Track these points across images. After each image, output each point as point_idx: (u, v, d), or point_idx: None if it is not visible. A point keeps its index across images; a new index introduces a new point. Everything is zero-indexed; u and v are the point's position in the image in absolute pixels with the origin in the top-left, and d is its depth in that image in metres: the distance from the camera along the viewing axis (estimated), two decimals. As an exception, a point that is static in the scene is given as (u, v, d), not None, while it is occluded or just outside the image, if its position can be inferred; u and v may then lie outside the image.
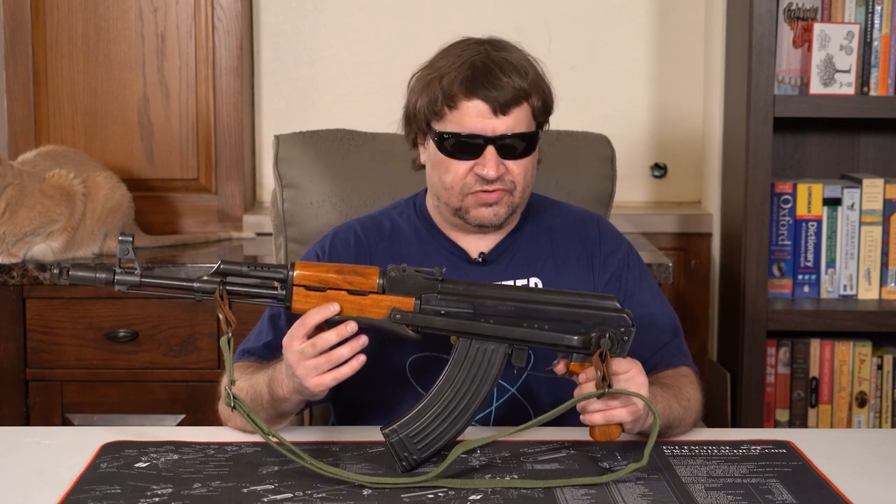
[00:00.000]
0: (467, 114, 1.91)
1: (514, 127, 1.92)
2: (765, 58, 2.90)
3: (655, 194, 3.52)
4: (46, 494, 1.66)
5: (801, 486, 1.70)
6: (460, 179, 1.93)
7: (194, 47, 3.28)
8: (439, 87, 1.91)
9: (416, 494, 1.67)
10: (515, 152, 1.93)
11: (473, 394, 1.79)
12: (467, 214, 1.97)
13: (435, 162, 1.96)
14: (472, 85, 1.90)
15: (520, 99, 1.91)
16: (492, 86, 1.89)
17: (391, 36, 3.44)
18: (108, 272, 1.73)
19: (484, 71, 1.90)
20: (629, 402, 1.76)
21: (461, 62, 1.92)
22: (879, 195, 3.00)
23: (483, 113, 1.90)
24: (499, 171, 1.91)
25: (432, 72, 1.94)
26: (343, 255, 2.03)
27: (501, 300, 1.78)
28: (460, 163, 1.93)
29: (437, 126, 1.94)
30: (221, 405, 1.94)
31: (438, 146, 1.94)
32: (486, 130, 1.91)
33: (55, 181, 2.95)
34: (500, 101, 1.90)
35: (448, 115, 1.92)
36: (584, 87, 3.45)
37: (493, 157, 1.91)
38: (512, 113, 1.91)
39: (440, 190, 1.97)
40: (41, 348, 2.96)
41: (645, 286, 2.08)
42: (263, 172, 3.48)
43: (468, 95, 1.90)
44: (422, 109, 1.94)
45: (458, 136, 1.91)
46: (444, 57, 1.96)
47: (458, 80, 1.90)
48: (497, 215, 1.96)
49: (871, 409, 3.03)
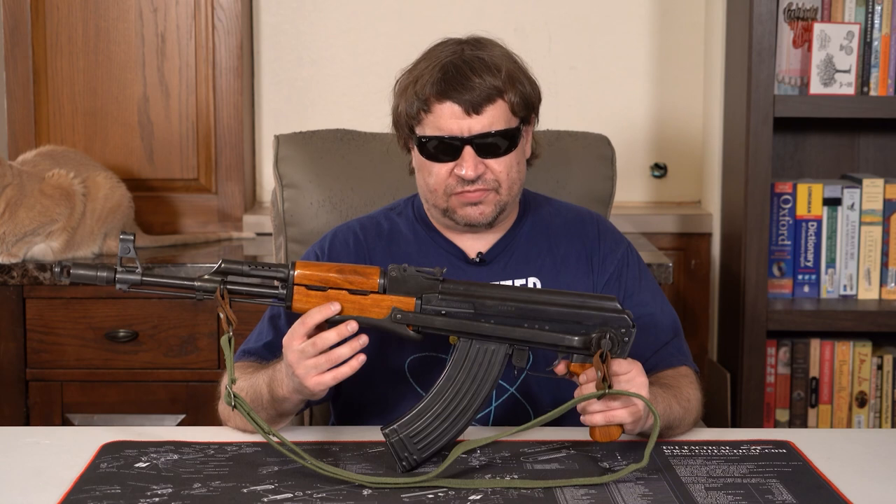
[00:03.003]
0: (441, 116, 1.91)
1: (491, 125, 1.92)
2: (765, 58, 2.90)
3: (655, 194, 3.52)
4: (46, 494, 1.66)
5: (801, 486, 1.70)
6: (443, 182, 1.94)
7: (194, 47, 3.28)
8: (414, 92, 1.93)
9: (416, 494, 1.67)
10: (496, 150, 1.93)
11: (474, 394, 1.79)
12: (454, 214, 1.97)
13: (419, 165, 1.98)
14: (443, 87, 1.90)
15: (493, 97, 1.91)
16: (462, 87, 1.90)
17: (391, 36, 3.44)
18: (109, 271, 1.73)
19: (454, 72, 1.91)
20: (630, 403, 1.76)
21: (434, 64, 1.93)
22: (879, 195, 3.00)
23: (456, 114, 1.91)
24: (477, 171, 1.92)
25: (410, 76, 1.96)
26: (342, 256, 2.03)
27: (502, 300, 1.78)
28: (441, 165, 1.94)
29: (417, 130, 1.95)
30: (222, 405, 1.94)
31: (420, 150, 1.95)
32: (462, 131, 1.91)
33: (55, 181, 2.95)
34: (472, 101, 1.90)
35: (425, 119, 1.93)
36: (584, 87, 3.45)
37: (472, 157, 1.91)
38: (486, 111, 1.91)
39: (427, 193, 1.98)
40: (41, 348, 2.96)
41: (645, 286, 2.07)
42: (263, 172, 3.48)
43: (440, 98, 1.91)
44: (403, 114, 1.96)
45: (435, 139, 1.92)
46: (423, 60, 1.97)
47: (430, 83, 1.91)
48: (483, 214, 1.96)
49: (871, 409, 3.03)
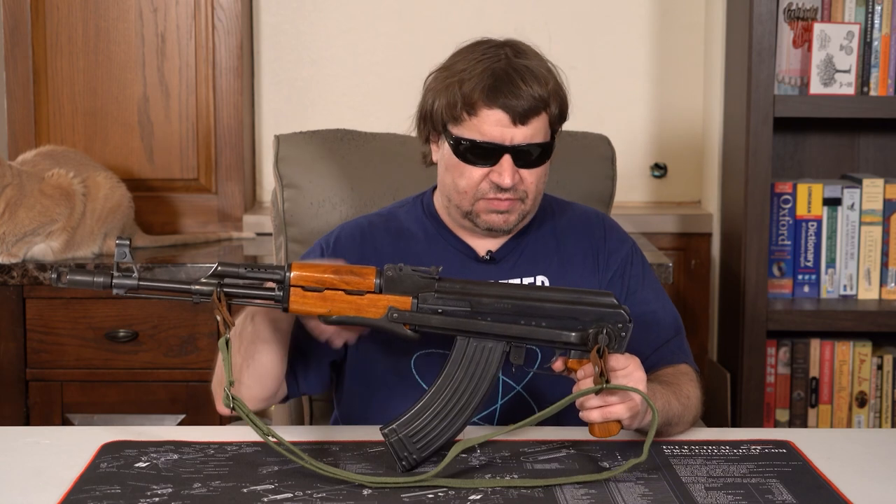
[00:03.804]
0: (486, 121, 1.90)
1: (532, 137, 1.91)
2: (765, 58, 2.89)
3: (655, 194, 3.52)
4: (46, 494, 1.65)
5: (801, 486, 1.70)
6: (475, 185, 1.93)
7: (194, 47, 3.28)
8: (459, 93, 1.90)
9: (416, 494, 1.67)
10: (531, 160, 1.92)
11: (472, 392, 1.79)
12: (477, 218, 1.96)
13: (449, 164, 1.96)
14: (494, 94, 1.88)
15: (539, 109, 1.90)
16: (513, 95, 1.88)
17: (391, 36, 3.44)
18: (105, 276, 1.71)
19: (505, 79, 1.89)
20: (627, 399, 1.76)
21: (482, 68, 1.90)
22: (879, 195, 3.00)
23: (502, 122, 1.89)
24: (514, 180, 1.91)
25: (452, 75, 1.92)
26: (349, 250, 2.02)
27: (498, 298, 1.78)
28: (475, 168, 1.92)
29: (454, 130, 1.93)
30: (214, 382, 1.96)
31: (454, 150, 1.93)
32: (505, 139, 1.90)
33: (55, 181, 2.95)
34: (520, 110, 1.89)
35: (467, 121, 1.91)
36: (584, 87, 3.45)
37: (510, 166, 1.90)
38: (531, 123, 1.90)
39: (452, 192, 1.97)
40: (41, 348, 2.96)
41: (648, 284, 2.08)
42: (263, 172, 3.48)
43: (489, 104, 1.89)
44: (439, 111, 1.93)
45: (476, 143, 1.91)
46: (464, 60, 1.94)
47: (479, 88, 1.89)
48: (507, 222, 1.96)
49: (871, 409, 3.03)
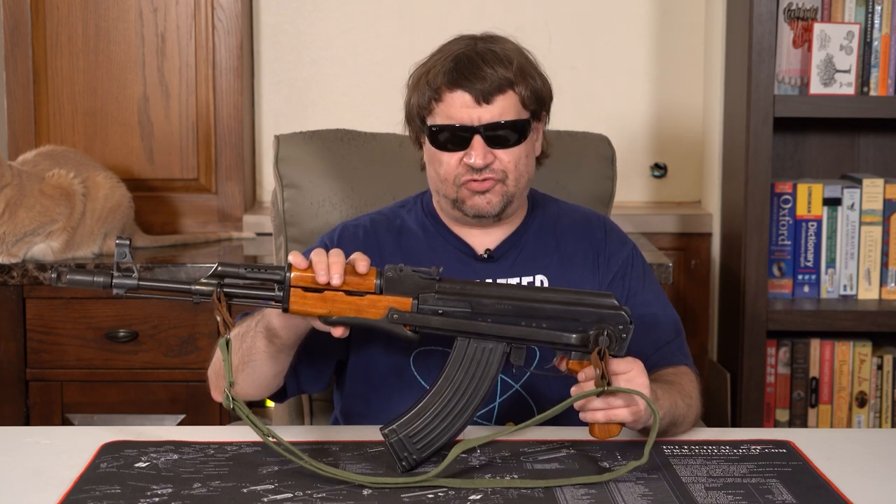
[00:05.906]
0: (452, 105, 1.94)
1: (501, 115, 1.94)
2: (765, 58, 2.89)
3: (655, 194, 3.52)
4: (46, 494, 1.65)
5: (801, 486, 1.70)
6: (452, 171, 1.96)
7: (194, 47, 3.28)
8: (426, 82, 1.95)
9: (416, 494, 1.66)
10: (505, 142, 1.95)
11: (472, 392, 1.79)
12: (463, 205, 1.98)
13: (430, 156, 2.00)
14: (455, 76, 1.93)
15: (503, 87, 1.94)
16: (473, 76, 1.93)
17: (391, 36, 3.44)
18: (105, 276, 1.71)
19: (466, 62, 1.94)
20: (631, 402, 1.76)
21: (447, 56, 1.96)
22: (879, 195, 3.00)
23: (467, 103, 1.93)
24: (486, 160, 1.94)
25: (423, 69, 1.99)
26: (351, 247, 2.01)
27: (499, 299, 1.78)
28: (451, 154, 1.96)
29: (428, 120, 1.98)
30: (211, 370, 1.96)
31: (431, 140, 1.98)
32: (472, 120, 1.93)
33: (55, 181, 2.95)
34: (483, 90, 1.93)
35: (436, 109, 1.95)
36: (584, 87, 3.45)
37: (481, 146, 1.93)
38: (496, 101, 1.93)
39: (437, 183, 2.00)
40: (41, 348, 2.96)
41: (648, 286, 2.08)
42: (263, 172, 3.48)
43: (451, 87, 1.94)
44: (414, 106, 1.99)
45: (446, 128, 1.95)
46: (437, 53, 2.00)
47: (442, 73, 1.94)
48: (490, 203, 1.97)
49: (871, 409, 3.03)
